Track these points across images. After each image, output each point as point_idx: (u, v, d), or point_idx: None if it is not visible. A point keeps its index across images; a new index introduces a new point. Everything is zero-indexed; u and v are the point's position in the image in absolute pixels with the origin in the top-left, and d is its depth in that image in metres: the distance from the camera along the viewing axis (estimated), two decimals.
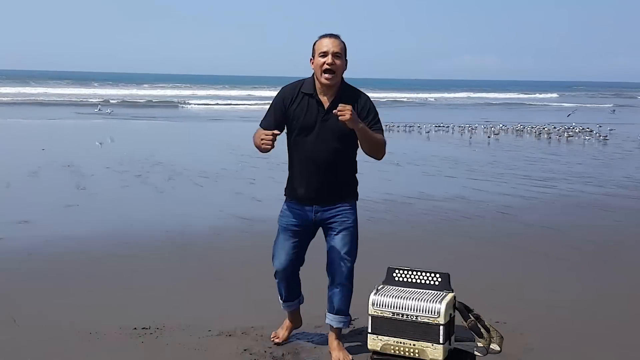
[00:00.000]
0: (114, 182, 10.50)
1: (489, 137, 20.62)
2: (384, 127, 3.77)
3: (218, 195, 9.62)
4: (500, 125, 23.75)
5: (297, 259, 3.87)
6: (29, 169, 11.53)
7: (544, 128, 22.60)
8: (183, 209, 8.40)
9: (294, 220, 3.80)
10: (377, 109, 3.74)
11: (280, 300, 4.06)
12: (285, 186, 3.89)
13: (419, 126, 23.46)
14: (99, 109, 29.46)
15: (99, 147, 15.56)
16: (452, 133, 22.19)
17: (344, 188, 3.77)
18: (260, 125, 3.77)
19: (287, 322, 4.12)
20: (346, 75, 3.75)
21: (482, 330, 3.72)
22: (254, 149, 3.82)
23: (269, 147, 3.54)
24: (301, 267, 3.98)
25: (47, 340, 4.09)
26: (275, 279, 3.97)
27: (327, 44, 3.63)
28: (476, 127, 23.43)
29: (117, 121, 25.11)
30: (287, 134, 3.80)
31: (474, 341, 3.82)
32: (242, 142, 14.22)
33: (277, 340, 4.06)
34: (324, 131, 3.65)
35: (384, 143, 3.69)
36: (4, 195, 9.35)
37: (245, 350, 3.97)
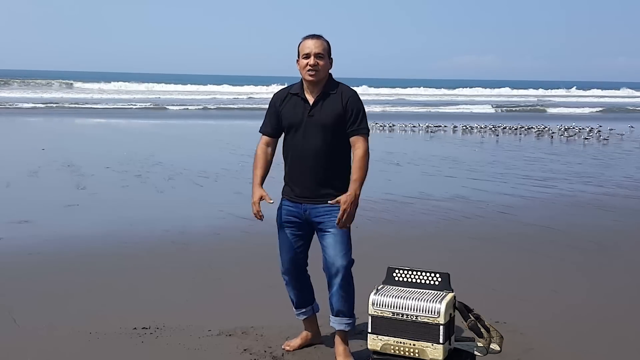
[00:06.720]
0: (114, 182, 10.51)
1: None
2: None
3: (218, 195, 9.62)
4: None
5: (298, 256, 3.86)
6: (29, 168, 11.54)
7: None
8: (183, 209, 8.41)
9: (287, 217, 3.83)
10: (364, 106, 3.77)
11: (293, 308, 4.02)
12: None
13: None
14: None
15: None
16: None
17: (333, 187, 3.72)
18: (259, 130, 3.91)
19: (302, 332, 4.06)
20: (351, 74, 3.76)
21: (482, 330, 3.71)
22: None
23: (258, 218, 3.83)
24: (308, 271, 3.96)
25: (47, 341, 4.10)
26: (284, 282, 3.96)
27: (310, 46, 3.71)
28: None
29: None
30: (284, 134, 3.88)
31: (474, 341, 3.82)
32: None
33: (287, 349, 3.97)
34: (310, 127, 3.71)
35: (367, 157, 3.68)
36: (4, 195, 9.35)
37: (245, 350, 3.97)
